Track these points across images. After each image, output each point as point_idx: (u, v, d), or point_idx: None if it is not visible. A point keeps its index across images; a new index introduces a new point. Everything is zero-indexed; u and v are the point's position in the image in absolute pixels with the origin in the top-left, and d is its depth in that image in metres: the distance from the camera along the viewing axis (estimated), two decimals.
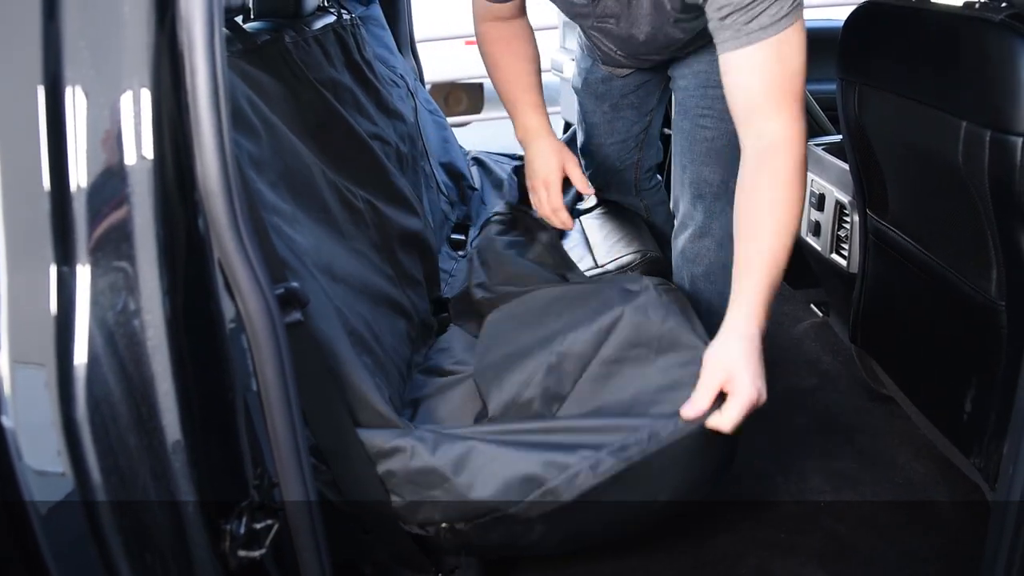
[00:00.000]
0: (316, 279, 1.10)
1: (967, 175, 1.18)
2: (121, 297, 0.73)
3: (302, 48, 1.54)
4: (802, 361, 2.13)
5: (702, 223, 1.62)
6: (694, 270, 1.65)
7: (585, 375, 1.21)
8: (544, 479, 1.05)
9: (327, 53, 1.65)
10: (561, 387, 1.20)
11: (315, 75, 1.52)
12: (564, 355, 1.22)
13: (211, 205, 0.76)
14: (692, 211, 1.62)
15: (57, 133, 0.71)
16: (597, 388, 1.20)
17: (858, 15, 1.47)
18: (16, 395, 0.73)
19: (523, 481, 1.05)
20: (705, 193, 1.61)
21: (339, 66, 1.69)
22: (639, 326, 1.24)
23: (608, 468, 1.05)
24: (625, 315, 1.25)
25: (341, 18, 1.85)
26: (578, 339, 1.23)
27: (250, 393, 0.83)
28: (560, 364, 1.21)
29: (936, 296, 1.42)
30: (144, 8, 0.72)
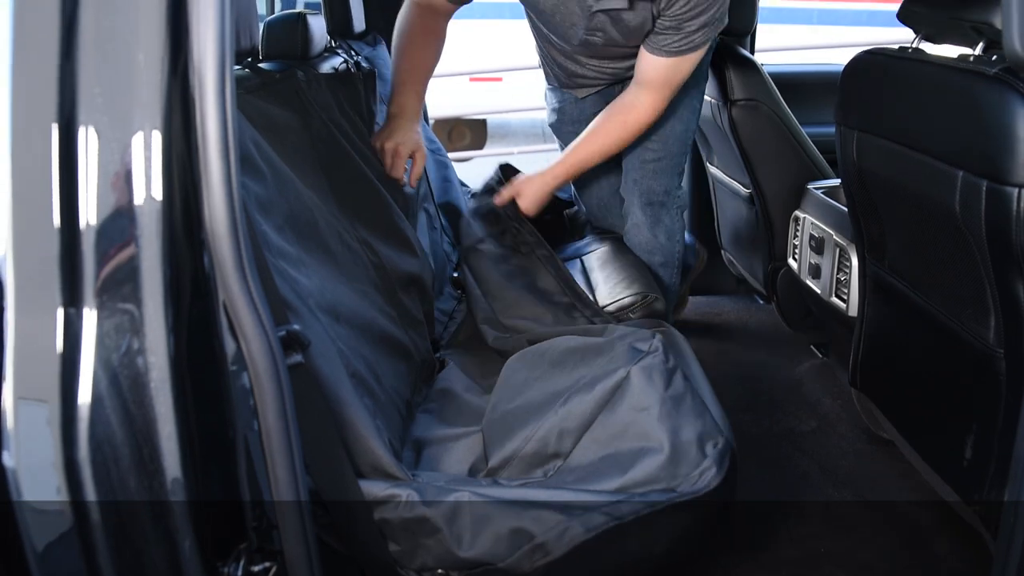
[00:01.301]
0: (319, 320, 1.11)
1: (964, 224, 1.19)
2: (126, 338, 0.74)
3: (315, 88, 1.56)
4: (802, 403, 2.13)
5: (653, 223, 2.00)
6: (652, 259, 2.01)
7: (587, 435, 1.22)
8: (533, 534, 1.05)
9: (336, 95, 1.68)
10: (562, 445, 1.21)
11: (326, 115, 1.54)
12: (568, 414, 1.23)
13: (218, 248, 0.77)
14: (643, 215, 1.99)
15: (69, 173, 0.73)
16: (598, 448, 1.21)
17: (857, 63, 1.50)
18: (19, 431, 0.73)
19: (513, 535, 1.05)
20: (654, 201, 1.99)
21: (347, 108, 1.71)
22: (644, 388, 1.25)
23: (599, 524, 1.06)
24: (631, 376, 1.26)
25: (348, 60, 1.88)
26: (584, 399, 1.24)
27: (251, 434, 0.83)
28: (563, 422, 1.22)
29: (935, 342, 1.43)
30: (158, 55, 0.74)
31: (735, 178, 2.36)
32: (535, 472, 1.19)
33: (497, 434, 1.25)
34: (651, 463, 1.15)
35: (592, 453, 1.19)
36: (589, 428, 1.22)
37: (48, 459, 0.72)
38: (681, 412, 1.22)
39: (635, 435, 1.19)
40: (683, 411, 1.22)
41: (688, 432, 1.18)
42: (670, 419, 1.20)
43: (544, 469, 1.19)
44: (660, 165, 1.96)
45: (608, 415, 1.23)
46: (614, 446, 1.19)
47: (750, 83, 2.07)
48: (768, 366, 2.34)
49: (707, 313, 2.71)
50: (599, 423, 1.22)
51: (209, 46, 0.75)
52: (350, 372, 1.11)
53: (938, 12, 1.32)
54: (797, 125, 2.13)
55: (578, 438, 1.21)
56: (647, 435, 1.18)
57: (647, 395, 1.23)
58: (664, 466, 1.15)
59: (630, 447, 1.18)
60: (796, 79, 2.59)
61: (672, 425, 1.19)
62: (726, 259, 2.69)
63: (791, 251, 2.15)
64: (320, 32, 1.69)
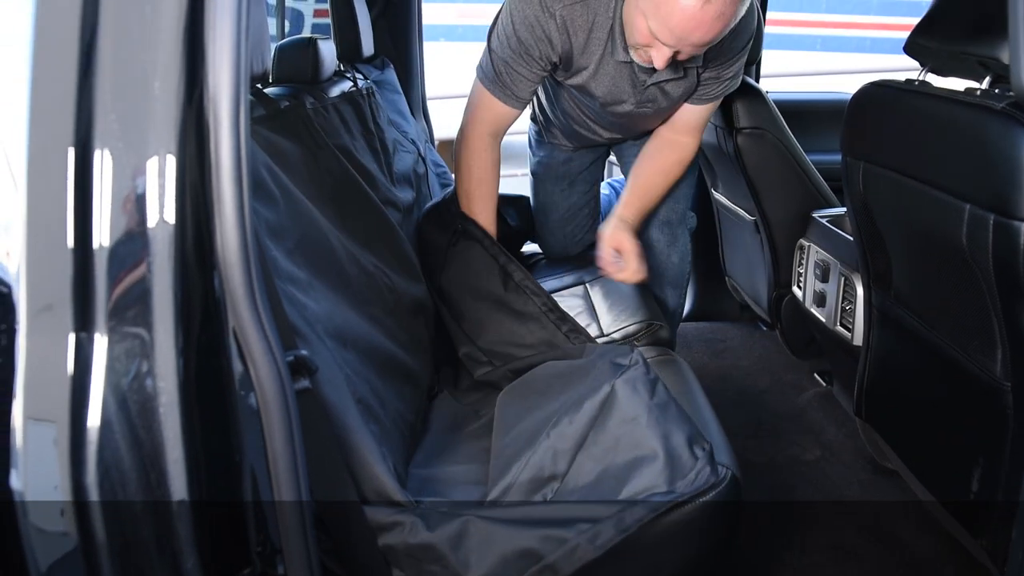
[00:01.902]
0: (326, 346, 1.11)
1: (972, 257, 1.20)
2: (136, 362, 0.74)
3: (321, 114, 1.57)
4: (806, 431, 2.12)
5: (670, 242, 2.10)
6: (663, 280, 2.11)
7: (581, 453, 1.22)
8: (542, 554, 1.04)
9: (344, 120, 1.69)
10: (557, 467, 1.22)
11: (333, 141, 1.55)
12: (560, 435, 1.23)
13: (229, 275, 0.77)
14: (660, 234, 2.09)
15: (84, 197, 0.73)
16: (594, 464, 1.21)
17: (863, 95, 1.51)
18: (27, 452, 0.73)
19: (520, 557, 1.05)
20: (672, 220, 2.09)
21: (355, 132, 1.72)
22: (630, 400, 1.26)
23: (607, 540, 1.05)
24: (616, 390, 1.27)
25: (357, 84, 1.90)
26: (574, 418, 1.24)
27: (258, 459, 0.83)
28: (555, 444, 1.23)
29: (941, 373, 1.43)
30: (174, 84, 0.74)
31: (740, 205, 2.37)
32: (534, 497, 1.19)
33: (496, 470, 1.26)
34: (648, 471, 1.16)
35: (588, 470, 1.20)
36: (582, 446, 1.22)
37: (56, 481, 0.72)
38: (668, 419, 1.23)
39: (628, 446, 1.20)
40: (670, 418, 1.23)
41: (678, 437, 1.19)
42: (659, 426, 1.21)
43: (543, 493, 1.19)
44: (680, 190, 2.03)
45: (599, 431, 1.23)
46: (609, 460, 1.20)
47: (756, 111, 2.09)
48: (772, 393, 2.34)
49: (711, 339, 2.71)
50: (591, 440, 1.23)
51: (224, 75, 0.76)
52: (356, 398, 1.12)
53: (945, 46, 1.33)
54: (802, 153, 2.14)
55: (572, 457, 1.22)
56: (639, 444, 1.19)
57: (634, 406, 1.24)
58: (660, 471, 1.15)
59: (624, 458, 1.19)
60: (802, 107, 2.61)
61: (662, 431, 1.20)
62: (730, 286, 2.69)
63: (796, 279, 2.15)
64: (330, 57, 1.71)
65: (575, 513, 1.07)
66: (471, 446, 1.41)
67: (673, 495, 1.09)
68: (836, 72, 5.46)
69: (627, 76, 1.68)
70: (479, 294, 1.69)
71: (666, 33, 1.43)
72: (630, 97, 1.73)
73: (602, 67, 1.67)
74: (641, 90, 1.71)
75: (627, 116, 1.81)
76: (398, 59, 2.48)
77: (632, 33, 1.52)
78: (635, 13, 1.47)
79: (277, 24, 2.42)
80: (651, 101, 1.75)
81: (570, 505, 1.10)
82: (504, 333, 1.64)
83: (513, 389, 1.49)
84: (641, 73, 1.65)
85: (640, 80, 1.68)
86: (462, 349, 1.65)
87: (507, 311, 1.66)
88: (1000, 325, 1.22)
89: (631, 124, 1.89)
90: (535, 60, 1.64)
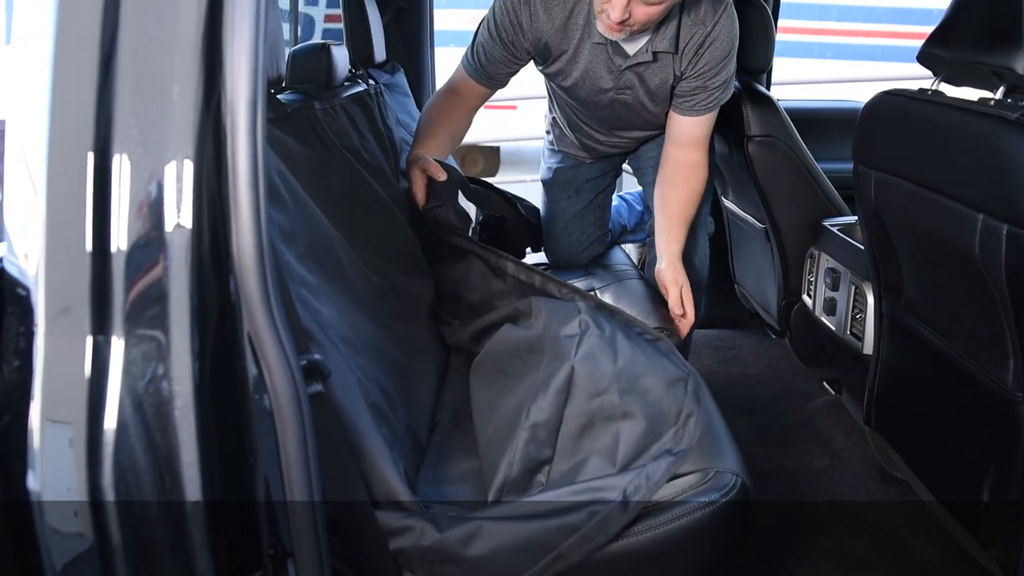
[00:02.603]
0: (339, 350, 1.12)
1: (984, 266, 1.19)
2: (152, 365, 0.75)
3: (330, 115, 1.59)
4: (815, 440, 2.12)
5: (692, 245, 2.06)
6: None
7: (561, 434, 1.25)
8: (554, 544, 1.05)
9: (353, 120, 1.70)
10: (542, 453, 1.24)
11: (342, 141, 1.56)
12: (535, 425, 1.25)
13: (244, 280, 0.77)
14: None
15: (102, 201, 0.74)
16: (578, 442, 1.23)
17: (876, 104, 1.51)
18: (44, 453, 0.74)
19: (533, 548, 1.05)
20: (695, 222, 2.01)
21: (364, 132, 1.73)
22: (592, 376, 1.27)
23: (616, 523, 1.06)
24: (576, 369, 1.28)
25: (368, 87, 1.91)
26: (542, 406, 1.26)
27: (271, 463, 0.84)
28: (535, 434, 1.25)
29: (952, 383, 1.42)
30: (192, 89, 0.75)
31: (750, 213, 2.37)
32: (532, 487, 1.21)
33: (488, 469, 1.28)
34: (632, 433, 1.18)
35: (573, 447, 1.22)
36: (560, 428, 1.24)
37: (72, 483, 0.73)
38: (640, 373, 1.24)
39: (606, 418, 1.22)
40: (640, 370, 1.25)
41: (655, 391, 1.22)
42: (632, 389, 1.23)
43: (537, 479, 1.22)
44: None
45: (571, 408, 1.26)
46: (590, 434, 1.22)
47: (767, 119, 2.09)
48: (780, 401, 2.34)
49: (720, 347, 2.70)
50: (567, 419, 1.25)
51: (242, 81, 0.76)
52: (368, 402, 1.12)
53: (959, 56, 1.33)
54: (813, 162, 2.14)
55: (554, 441, 1.24)
56: (617, 413, 1.21)
57: (599, 380, 1.26)
58: (646, 432, 1.18)
59: (606, 429, 1.21)
60: (813, 115, 2.61)
61: (637, 392, 1.22)
62: (739, 293, 2.69)
63: (806, 287, 2.15)
64: (343, 62, 1.72)
65: (581, 497, 1.08)
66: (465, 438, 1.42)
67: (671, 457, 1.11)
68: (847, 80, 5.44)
69: (603, 61, 1.75)
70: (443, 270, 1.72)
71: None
72: (608, 83, 1.79)
73: (579, 51, 1.74)
74: (617, 74, 1.77)
75: (610, 107, 1.87)
76: (410, 64, 2.49)
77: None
78: None
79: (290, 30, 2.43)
80: (629, 88, 1.80)
81: (575, 488, 1.10)
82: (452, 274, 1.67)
83: (480, 366, 1.50)
84: (616, 56, 1.73)
85: (616, 64, 1.74)
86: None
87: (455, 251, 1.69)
88: (1012, 335, 1.21)
89: (617, 118, 1.93)
90: (505, 44, 1.75)
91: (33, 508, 0.74)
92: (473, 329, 1.60)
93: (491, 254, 1.65)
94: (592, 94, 1.84)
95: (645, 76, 1.78)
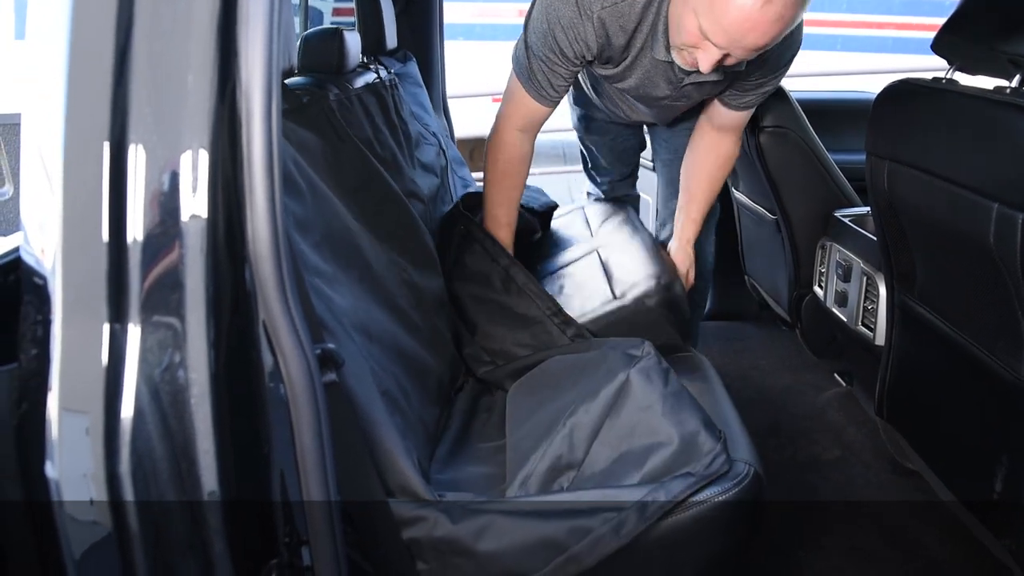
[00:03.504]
0: (352, 340, 1.12)
1: (999, 256, 1.19)
2: (168, 353, 0.75)
3: (345, 106, 1.58)
4: (826, 431, 2.11)
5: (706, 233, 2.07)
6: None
7: (597, 441, 1.24)
8: (566, 545, 1.05)
9: (368, 111, 1.70)
10: (574, 456, 1.23)
11: (356, 133, 1.56)
12: (576, 424, 1.25)
13: (260, 268, 0.78)
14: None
15: (118, 190, 0.74)
16: (610, 452, 1.23)
17: (888, 94, 1.50)
18: (62, 442, 0.74)
19: (545, 547, 1.05)
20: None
21: (379, 124, 1.73)
22: (645, 389, 1.28)
23: (630, 529, 1.06)
24: (631, 379, 1.29)
25: (380, 76, 1.91)
26: (589, 407, 1.27)
27: (286, 452, 0.84)
28: (571, 434, 1.24)
29: (965, 373, 1.42)
30: (207, 77, 0.75)
31: (761, 204, 2.36)
32: (552, 486, 1.21)
33: (514, 463, 1.27)
34: (663, 455, 1.18)
35: (604, 457, 1.22)
36: (598, 434, 1.24)
37: (90, 470, 0.73)
38: (682, 407, 1.25)
39: (643, 433, 1.22)
40: (684, 406, 1.25)
41: (692, 423, 1.21)
42: (674, 413, 1.23)
43: (559, 482, 1.21)
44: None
45: (614, 419, 1.25)
46: (624, 447, 1.22)
47: (778, 110, 2.08)
48: (792, 393, 2.33)
49: (730, 339, 2.70)
50: (606, 428, 1.25)
51: (257, 69, 0.76)
52: (381, 391, 1.12)
53: (974, 44, 1.32)
54: (825, 153, 2.13)
55: (588, 446, 1.23)
56: (655, 431, 1.21)
57: (649, 394, 1.26)
58: (676, 456, 1.17)
59: (640, 444, 1.21)
60: (825, 106, 2.59)
61: (677, 419, 1.22)
62: (749, 285, 2.68)
63: (817, 279, 2.14)
64: (355, 48, 1.71)
65: (598, 502, 1.08)
66: (480, 447, 1.42)
67: (692, 478, 1.10)
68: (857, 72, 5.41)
69: (662, 72, 1.62)
70: (481, 298, 1.70)
71: (719, 33, 1.34)
72: (663, 92, 1.69)
73: (639, 61, 1.61)
74: (677, 87, 1.66)
75: (658, 107, 1.81)
76: (419, 57, 2.49)
77: (679, 33, 1.43)
78: (685, 11, 1.38)
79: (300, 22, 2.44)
80: (686, 97, 1.74)
81: (592, 493, 1.10)
82: (507, 337, 1.65)
83: (522, 385, 1.50)
84: (679, 72, 1.58)
85: (678, 78, 1.62)
86: (465, 349, 1.66)
87: (510, 315, 1.66)
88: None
89: (663, 114, 1.91)
90: (569, 60, 1.59)
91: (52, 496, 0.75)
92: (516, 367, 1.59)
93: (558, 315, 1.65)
94: (642, 98, 1.77)
95: (704, 84, 1.65)
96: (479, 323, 1.67)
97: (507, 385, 1.56)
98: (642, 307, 1.66)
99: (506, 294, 1.68)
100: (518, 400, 1.46)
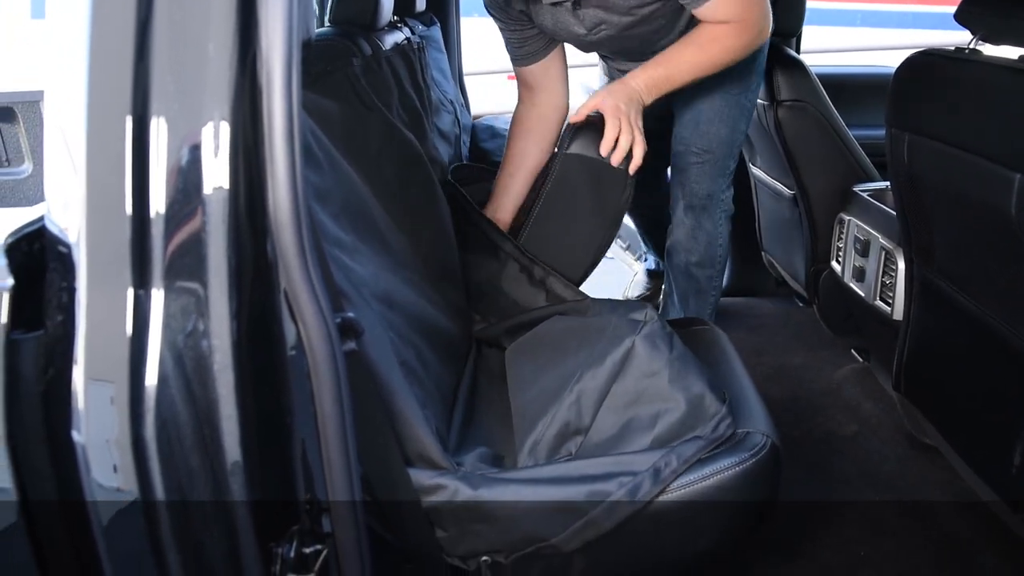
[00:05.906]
0: (372, 309, 1.13)
1: (1020, 227, 1.18)
2: (191, 320, 0.76)
3: (372, 70, 1.58)
4: (843, 407, 2.11)
5: (694, 227, 2.03)
6: (689, 258, 2.07)
7: (604, 407, 1.26)
8: (584, 509, 1.07)
9: (396, 72, 1.70)
10: (581, 421, 1.25)
11: (382, 99, 1.56)
12: (583, 390, 1.27)
13: (281, 237, 0.78)
14: (685, 216, 2.04)
15: (141, 161, 0.75)
16: (617, 418, 1.25)
17: (909, 65, 1.48)
18: (88, 410, 0.76)
19: (563, 512, 1.07)
20: (695, 204, 2.01)
21: (405, 86, 1.74)
22: (650, 355, 1.29)
23: (645, 493, 1.07)
24: (636, 345, 1.31)
25: (409, 37, 1.91)
26: (596, 373, 1.28)
27: (307, 419, 0.85)
28: (579, 400, 1.27)
29: (984, 347, 1.41)
30: (228, 46, 0.75)
31: (778, 179, 2.35)
32: (560, 452, 1.23)
33: (521, 429, 1.29)
34: (670, 419, 1.20)
35: (611, 423, 1.24)
36: (604, 400, 1.26)
37: (116, 436, 0.75)
38: (688, 372, 1.27)
39: (650, 398, 1.24)
40: (690, 371, 1.27)
41: (698, 387, 1.23)
42: (680, 379, 1.25)
43: (567, 447, 1.23)
44: (703, 168, 1.97)
45: (620, 384, 1.27)
46: (631, 412, 1.24)
47: (797, 84, 2.06)
48: (808, 369, 2.33)
49: (746, 314, 2.69)
50: (613, 393, 1.27)
51: (277, 37, 0.76)
52: (400, 360, 1.13)
53: (998, 13, 1.30)
54: (844, 127, 2.11)
55: (595, 411, 1.25)
56: (662, 397, 1.23)
57: (655, 360, 1.28)
58: (683, 420, 1.19)
59: (647, 410, 1.23)
60: (844, 81, 2.57)
61: (683, 384, 1.24)
62: (766, 260, 2.67)
63: (835, 253, 2.13)
64: (388, 5, 1.71)
65: (613, 468, 1.09)
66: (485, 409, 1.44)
67: (701, 441, 1.12)
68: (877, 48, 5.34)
69: (562, 12, 1.68)
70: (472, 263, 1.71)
71: None
72: (575, 26, 1.71)
73: (535, 9, 1.70)
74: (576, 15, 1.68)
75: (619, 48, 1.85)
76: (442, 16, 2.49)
77: None
78: None
79: None
80: (600, 24, 1.70)
81: (606, 459, 1.12)
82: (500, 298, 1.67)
83: (521, 346, 1.52)
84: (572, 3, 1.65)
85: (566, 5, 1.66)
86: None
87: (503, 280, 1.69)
88: None
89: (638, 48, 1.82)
90: (504, 12, 1.71)
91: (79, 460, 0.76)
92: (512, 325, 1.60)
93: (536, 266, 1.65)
94: (572, 39, 1.76)
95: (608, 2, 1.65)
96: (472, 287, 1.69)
97: (504, 342, 1.58)
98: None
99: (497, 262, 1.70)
100: (519, 363, 1.47)
